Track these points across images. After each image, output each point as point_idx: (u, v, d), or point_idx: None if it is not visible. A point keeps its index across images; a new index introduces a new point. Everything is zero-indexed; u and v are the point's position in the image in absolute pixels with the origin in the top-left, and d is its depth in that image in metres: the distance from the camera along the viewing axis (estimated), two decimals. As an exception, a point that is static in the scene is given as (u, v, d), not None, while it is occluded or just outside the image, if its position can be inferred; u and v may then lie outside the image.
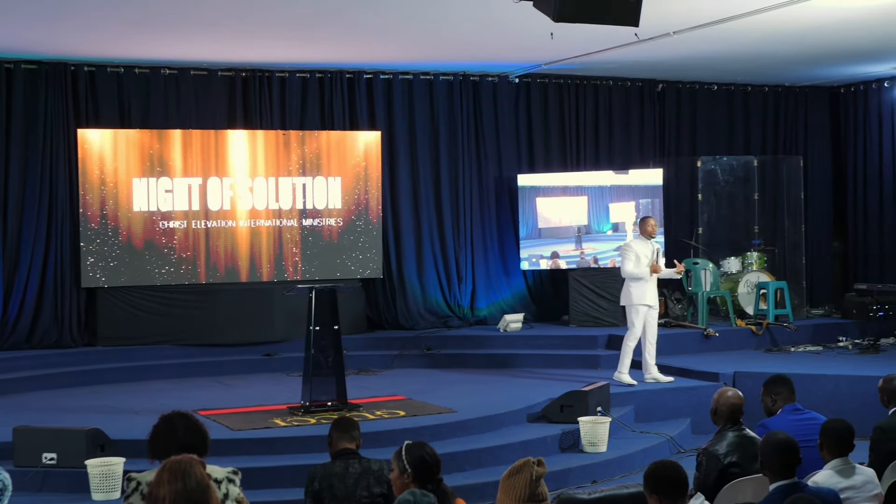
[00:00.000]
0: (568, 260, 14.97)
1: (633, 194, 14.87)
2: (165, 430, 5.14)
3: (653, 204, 14.73)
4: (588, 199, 14.94)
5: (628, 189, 14.88)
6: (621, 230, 14.79)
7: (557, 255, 14.97)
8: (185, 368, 12.94)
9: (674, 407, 11.54)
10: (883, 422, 7.04)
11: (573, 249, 14.96)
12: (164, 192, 13.45)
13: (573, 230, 14.97)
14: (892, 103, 15.70)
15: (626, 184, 14.88)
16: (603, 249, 14.82)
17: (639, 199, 14.83)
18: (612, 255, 14.58)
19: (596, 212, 14.94)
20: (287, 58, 13.38)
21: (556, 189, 14.96)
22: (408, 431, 9.18)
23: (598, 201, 14.93)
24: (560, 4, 7.27)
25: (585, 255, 14.87)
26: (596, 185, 14.93)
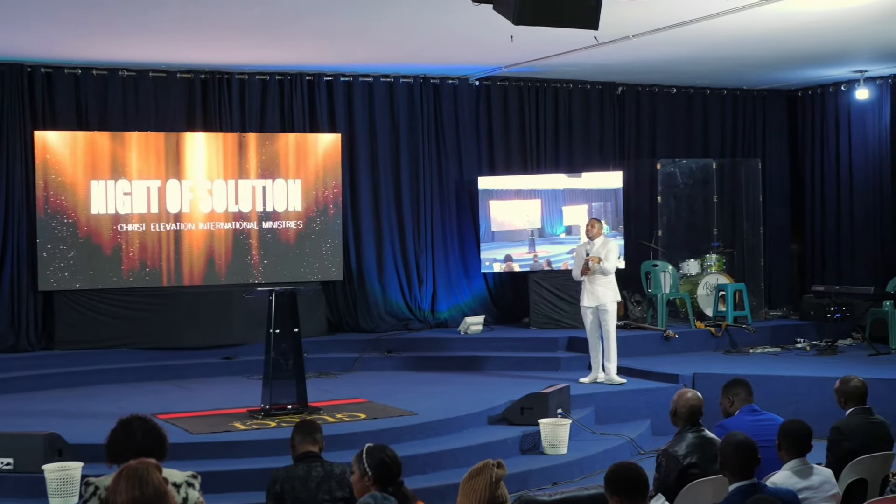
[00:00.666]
0: (521, 263, 15.01)
1: (587, 197, 14.92)
2: (123, 435, 5.10)
3: (605, 207, 14.81)
4: (542, 202, 14.98)
5: (581, 192, 14.93)
6: (575, 233, 14.85)
7: (511, 259, 15.00)
8: (144, 372, 12.85)
9: (634, 408, 11.60)
10: (840, 422, 7.10)
11: (527, 252, 15.00)
12: (123, 195, 13.34)
13: (527, 233, 15.01)
14: (849, 106, 15.84)
15: (580, 187, 14.94)
16: (556, 252, 14.87)
17: (591, 202, 14.89)
18: (565, 258, 14.65)
19: (549, 215, 14.98)
20: (247, 60, 13.32)
21: (509, 192, 14.98)
22: (368, 434, 9.16)
23: (552, 204, 14.97)
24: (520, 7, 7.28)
25: (539, 258, 14.90)
26: (549, 189, 14.97)
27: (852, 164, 15.89)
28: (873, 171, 15.56)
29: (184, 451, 8.87)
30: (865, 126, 15.68)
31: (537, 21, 7.56)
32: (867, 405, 7.23)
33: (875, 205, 15.54)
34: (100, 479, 5.03)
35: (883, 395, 10.68)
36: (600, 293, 11.89)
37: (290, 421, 9.74)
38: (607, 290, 11.90)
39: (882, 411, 7.56)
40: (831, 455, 6.91)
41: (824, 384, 10.28)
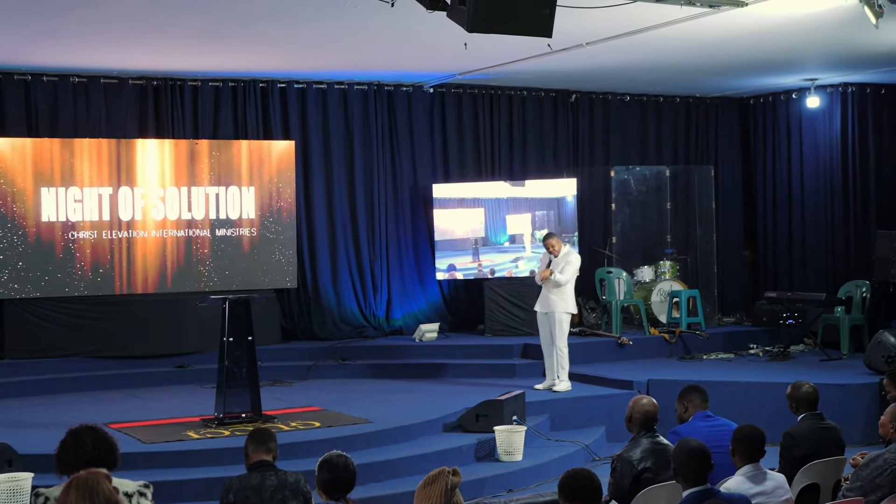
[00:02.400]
0: (465, 272, 15.03)
1: (530, 206, 14.96)
2: (73, 445, 5.05)
3: (548, 216, 14.86)
4: (485, 211, 15.00)
5: (525, 201, 14.98)
6: (518, 242, 14.89)
7: (454, 268, 15.01)
8: (95, 381, 12.72)
9: (589, 415, 11.63)
10: (792, 428, 7.15)
11: (471, 261, 15.01)
12: (74, 202, 13.21)
13: (470, 242, 15.02)
14: (800, 114, 15.97)
15: (523, 196, 14.98)
16: (500, 261, 14.88)
17: (535, 211, 14.93)
18: (508, 267, 14.68)
19: (493, 223, 15.00)
20: (199, 66, 13.24)
21: (452, 201, 14.99)
22: (323, 442, 9.13)
23: (496, 213, 14.99)
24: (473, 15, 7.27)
25: (483, 267, 14.91)
26: (493, 198, 14.99)
27: (803, 172, 16.02)
28: (824, 178, 15.70)
29: (136, 460, 8.81)
30: (816, 134, 15.82)
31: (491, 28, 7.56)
32: (819, 410, 7.28)
33: (826, 211, 15.68)
34: (50, 490, 4.98)
35: (835, 400, 10.81)
36: (551, 300, 11.95)
37: (243, 429, 9.68)
38: (558, 299, 11.93)
39: (834, 416, 7.62)
40: (784, 460, 6.96)
41: (777, 390, 10.36)
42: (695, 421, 7.21)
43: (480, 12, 7.25)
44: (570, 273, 11.93)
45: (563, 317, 11.96)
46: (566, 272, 11.90)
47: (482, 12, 7.25)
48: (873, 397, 11.27)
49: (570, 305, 12.03)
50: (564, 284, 11.91)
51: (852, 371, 12.37)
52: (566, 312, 11.97)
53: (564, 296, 11.95)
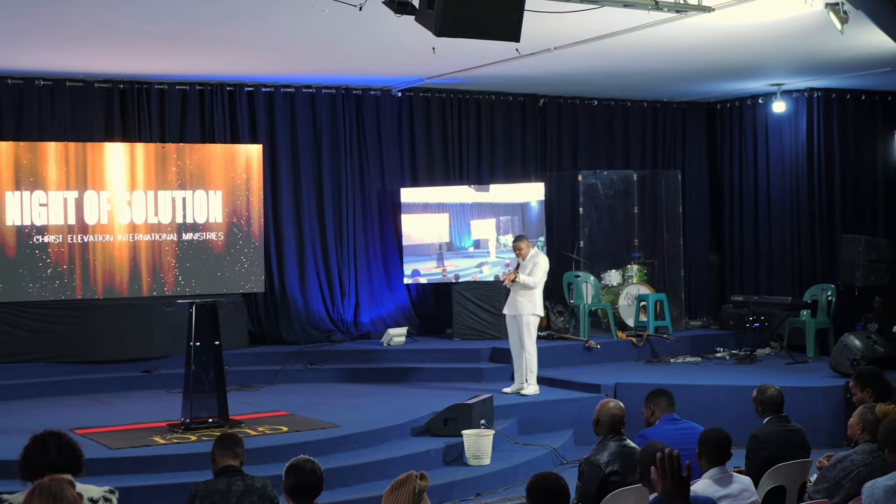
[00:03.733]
0: (430, 277, 15.05)
1: (494, 211, 14.99)
2: (37, 451, 5.02)
3: (512, 221, 14.89)
4: (449, 216, 15.01)
5: (489, 206, 15.00)
6: (483, 247, 14.92)
7: (419, 274, 15.01)
8: (60, 386, 12.62)
9: (556, 419, 11.65)
10: (758, 430, 7.20)
11: (435, 267, 15.02)
12: (39, 206, 13.11)
13: (434, 247, 15.03)
14: (766, 119, 16.07)
15: (488, 201, 15.00)
16: (465, 266, 14.89)
17: (499, 216, 14.96)
18: (473, 272, 14.71)
19: (458, 229, 15.01)
20: (166, 70, 13.18)
21: (416, 206, 14.99)
22: (291, 447, 9.10)
23: (460, 218, 15.01)
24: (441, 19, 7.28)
25: (447, 273, 14.92)
26: (457, 203, 15.01)
27: (770, 176, 16.11)
28: (790, 182, 15.79)
29: (102, 466, 8.75)
30: (782, 138, 15.91)
31: (459, 33, 7.57)
32: (784, 413, 7.33)
33: (792, 216, 15.77)
34: (13, 497, 4.95)
35: (800, 403, 10.88)
36: (518, 303, 12.00)
37: (210, 435, 9.62)
38: (526, 301, 11.97)
39: (799, 419, 7.68)
40: (750, 463, 7.00)
41: (743, 393, 10.40)
42: (661, 424, 7.24)
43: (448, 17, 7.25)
44: (538, 275, 11.96)
45: (531, 319, 11.98)
46: (534, 274, 11.93)
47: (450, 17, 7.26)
48: (839, 400, 11.35)
49: (538, 308, 12.05)
50: (534, 287, 11.94)
51: (818, 374, 12.45)
52: (533, 315, 11.99)
53: (532, 298, 11.97)
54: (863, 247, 14.42)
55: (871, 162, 15.84)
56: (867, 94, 15.68)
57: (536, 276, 11.95)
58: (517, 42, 7.79)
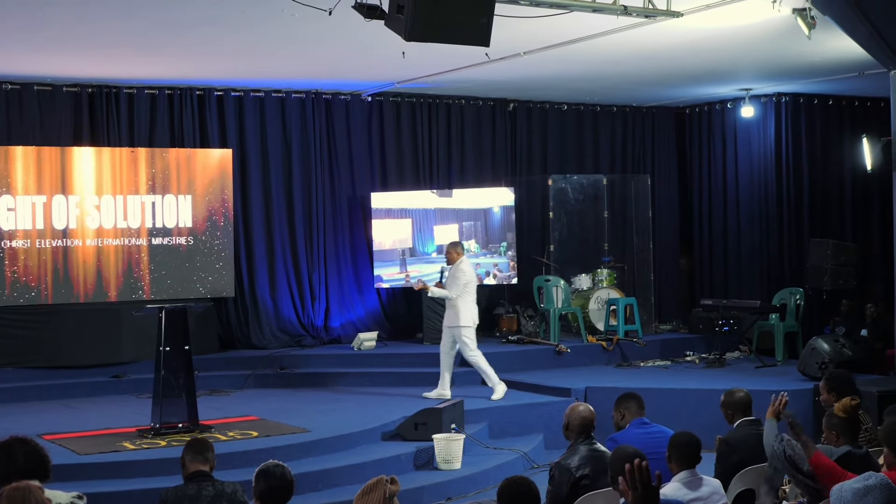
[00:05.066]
0: (393, 283, 15.05)
1: (457, 217, 15.01)
2: (4, 457, 4.98)
3: (475, 226, 14.94)
4: (412, 222, 15.02)
5: (452, 212, 15.03)
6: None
7: (381, 279, 15.01)
8: (28, 392, 12.53)
9: (527, 423, 11.66)
10: (728, 434, 7.22)
11: (398, 272, 15.02)
12: (7, 211, 13.01)
13: (398, 253, 15.03)
14: (735, 124, 16.17)
15: (451, 206, 15.02)
16: (428, 272, 14.89)
17: (462, 222, 14.98)
18: (435, 278, 14.71)
19: (421, 234, 15.02)
20: (135, 74, 13.12)
21: (380, 211, 14.99)
22: (261, 452, 9.07)
23: (423, 223, 15.02)
24: (411, 24, 7.29)
25: (410, 278, 14.92)
26: (420, 208, 15.03)
27: (738, 180, 16.21)
28: (758, 186, 15.89)
29: (70, 472, 8.70)
30: (751, 143, 16.02)
31: (429, 37, 7.58)
32: (754, 416, 7.35)
33: (761, 220, 15.87)
34: (-20, 503, 4.90)
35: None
36: (449, 315, 12.08)
37: (180, 440, 9.60)
38: (453, 313, 12.00)
39: (769, 422, 7.68)
40: (720, 466, 7.02)
41: (713, 396, 10.35)
42: (631, 428, 7.26)
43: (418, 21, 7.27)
44: (453, 289, 11.92)
45: (460, 331, 11.96)
46: (449, 288, 11.95)
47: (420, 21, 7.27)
48: (808, 403, 11.40)
49: (464, 319, 11.96)
50: (452, 299, 11.93)
51: (787, 377, 12.50)
52: (461, 326, 11.96)
53: (457, 309, 11.96)
54: (831, 251, 14.53)
55: (838, 166, 15.98)
56: (835, 99, 15.82)
57: (453, 289, 11.92)
58: (487, 47, 7.81)
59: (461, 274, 12.02)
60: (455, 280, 11.98)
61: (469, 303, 12.02)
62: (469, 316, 12.01)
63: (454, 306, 11.96)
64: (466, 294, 11.99)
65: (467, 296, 12.01)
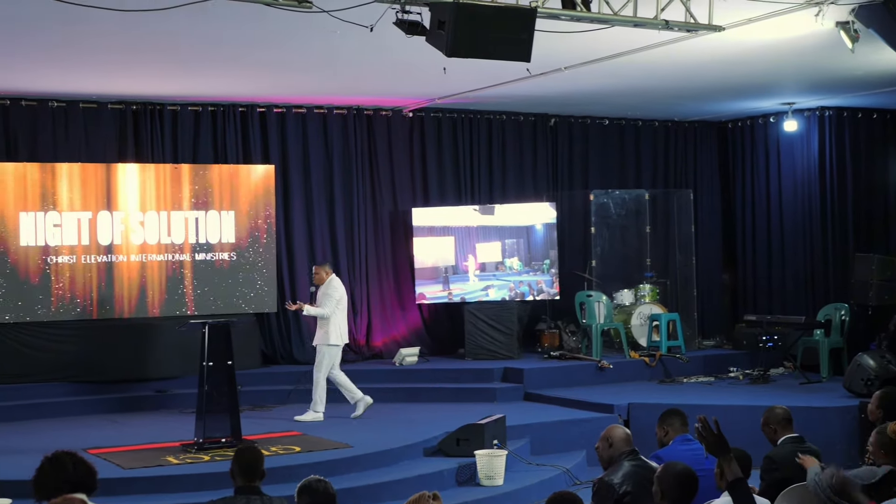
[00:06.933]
0: (436, 300, 15.08)
1: (500, 234, 14.99)
2: (53, 470, 5.03)
3: (518, 244, 14.91)
4: (455, 240, 15.01)
5: (495, 229, 15.00)
6: (489, 269, 14.92)
7: (424, 297, 15.01)
8: (74, 406, 12.65)
9: (569, 439, 11.60)
10: (772, 451, 7.16)
11: (440, 290, 15.01)
12: (53, 227, 13.16)
13: (440, 271, 15.03)
14: (778, 138, 16.06)
15: (493, 224, 15.00)
16: (470, 289, 14.88)
17: (504, 239, 14.96)
18: (479, 295, 14.73)
19: (464, 252, 15.01)
20: (178, 91, 13.23)
21: (423, 229, 15.00)
22: (304, 467, 9.08)
23: (465, 241, 15.01)
24: (452, 40, 7.31)
25: (453, 296, 14.91)
26: (463, 226, 15.02)
27: (782, 195, 16.10)
28: (802, 201, 15.77)
29: (116, 486, 8.75)
30: (794, 157, 15.90)
31: (470, 53, 7.60)
32: (798, 434, 7.29)
33: (805, 234, 15.74)
34: (28, 516, 4.95)
35: (815, 423, 10.82)
36: (318, 334, 12.04)
37: (223, 454, 9.66)
38: (321, 331, 11.96)
39: (813, 439, 7.63)
40: (764, 483, 6.95)
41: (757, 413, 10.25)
42: (675, 444, 7.21)
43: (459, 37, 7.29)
44: (328, 306, 11.86)
45: (323, 349, 11.88)
46: (324, 305, 11.87)
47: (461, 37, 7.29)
48: (853, 420, 11.30)
49: (334, 337, 11.91)
50: (325, 317, 11.86)
51: (832, 394, 12.39)
52: (326, 345, 11.89)
53: (325, 328, 11.91)
54: (876, 266, 14.39)
55: (883, 180, 15.83)
56: (879, 113, 15.68)
57: (326, 307, 11.86)
58: (528, 62, 7.82)
59: (333, 291, 11.99)
60: (328, 297, 11.92)
61: (341, 321, 12.01)
62: (338, 335, 11.98)
63: (325, 324, 11.90)
64: (339, 312, 11.97)
65: (339, 313, 11.99)
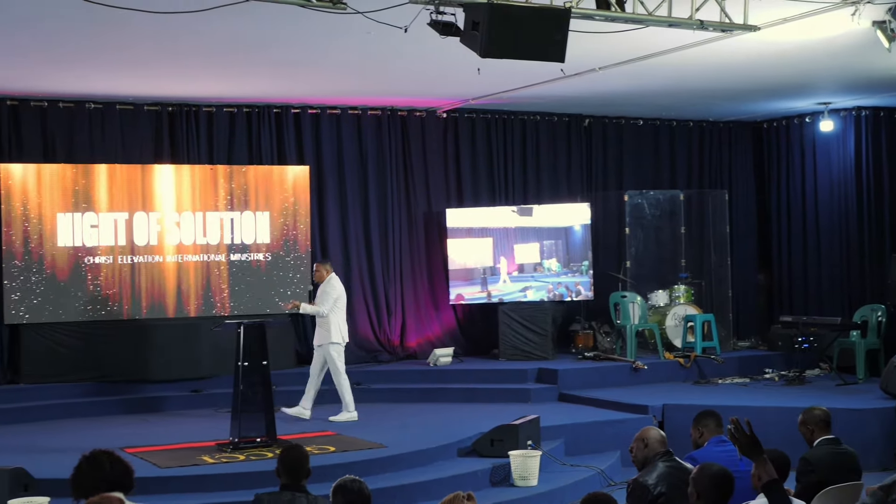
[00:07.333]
0: (474, 300, 15.07)
1: (538, 235, 14.96)
2: (91, 468, 5.07)
3: (556, 245, 14.87)
4: (493, 241, 15.00)
5: (533, 230, 14.97)
6: (527, 271, 14.89)
7: (462, 297, 15.01)
8: (110, 406, 12.75)
9: (603, 440, 11.58)
10: (808, 453, 7.12)
11: (479, 291, 15.00)
12: (90, 228, 13.27)
13: (479, 272, 15.02)
14: (814, 138, 15.96)
15: (531, 225, 14.98)
16: (508, 290, 14.86)
17: (542, 241, 14.94)
18: (517, 296, 14.70)
19: (501, 253, 15.00)
20: (214, 92, 13.31)
21: (460, 230, 15.00)
22: (338, 467, 9.09)
23: (504, 243, 14.99)
24: (487, 40, 7.32)
25: (492, 297, 14.90)
26: (501, 227, 15.00)
27: (818, 195, 16.00)
28: (839, 201, 15.67)
29: (152, 485, 8.79)
30: (830, 157, 15.81)
31: (504, 54, 7.61)
32: (834, 435, 7.25)
33: (841, 235, 15.65)
34: (65, 515, 5.00)
35: (851, 425, 10.74)
36: (320, 333, 11.97)
37: (259, 454, 9.71)
38: (324, 331, 11.86)
39: (850, 441, 7.57)
40: (800, 485, 6.92)
41: (793, 414, 10.19)
42: (710, 446, 7.18)
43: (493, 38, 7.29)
44: (326, 304, 11.77)
45: (330, 348, 11.81)
46: (322, 303, 11.79)
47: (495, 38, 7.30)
48: (890, 422, 11.22)
49: (334, 336, 11.83)
50: (323, 315, 11.79)
51: (869, 396, 12.31)
52: (331, 343, 11.84)
53: (326, 326, 11.84)
54: (913, 267, 14.27)
55: (920, 181, 15.70)
56: (916, 113, 15.56)
57: (324, 305, 11.78)
58: (562, 62, 7.81)
59: (332, 289, 11.92)
60: (326, 296, 11.85)
61: (340, 319, 11.95)
62: (339, 333, 11.91)
63: (325, 323, 11.83)
64: (338, 310, 11.91)
65: (339, 312, 11.93)
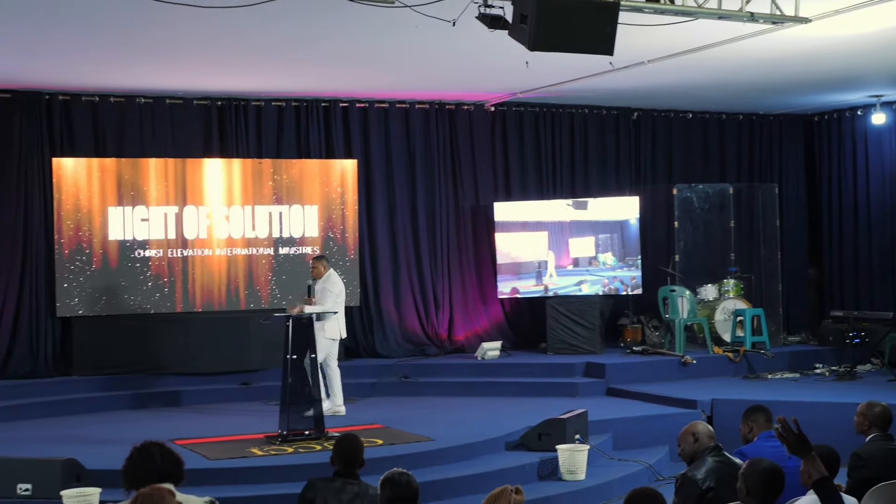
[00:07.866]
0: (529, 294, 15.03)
1: (593, 229, 14.90)
2: (142, 460, 5.12)
3: (612, 238, 14.80)
4: (548, 235, 14.95)
5: (588, 224, 14.91)
6: (582, 265, 14.84)
7: (517, 291, 14.98)
8: (161, 398, 12.87)
9: (652, 434, 11.52)
10: (860, 448, 7.05)
11: (534, 285, 14.97)
12: (140, 221, 13.40)
13: (533, 265, 14.98)
14: (865, 131, 15.81)
15: (586, 219, 14.92)
16: (563, 284, 14.82)
17: (598, 234, 14.87)
18: (572, 290, 14.64)
19: (556, 247, 14.95)
20: (263, 87, 13.38)
21: (515, 224, 14.97)
22: (386, 460, 9.10)
23: (559, 236, 14.95)
24: (535, 33, 7.30)
25: (548, 291, 14.87)
26: (556, 221, 14.95)
27: (869, 189, 15.86)
28: (890, 195, 15.52)
29: (201, 476, 8.87)
30: (882, 150, 15.65)
31: (552, 47, 7.58)
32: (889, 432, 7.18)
33: (893, 228, 15.50)
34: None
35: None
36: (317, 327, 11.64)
37: (307, 447, 9.76)
38: (319, 324, 11.46)
39: (902, 438, 7.49)
40: (851, 481, 6.86)
41: (844, 410, 10.23)
42: (759, 441, 7.13)
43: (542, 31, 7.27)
44: (327, 301, 11.61)
45: (324, 343, 11.57)
46: (323, 301, 11.60)
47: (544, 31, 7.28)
48: (942, 418, 11.08)
49: (330, 331, 11.66)
50: (331, 312, 11.64)
51: (921, 391, 12.18)
52: (329, 339, 11.67)
53: (326, 324, 11.64)
54: (966, 261, 14.11)
55: (974, 174, 15.51)
56: (969, 105, 15.37)
57: (325, 302, 11.61)
58: (611, 55, 7.77)
59: (332, 285, 11.78)
60: (328, 292, 11.68)
61: (340, 315, 11.83)
62: (337, 329, 11.78)
63: (328, 318, 11.63)
64: (338, 306, 11.81)
65: (339, 308, 11.83)
